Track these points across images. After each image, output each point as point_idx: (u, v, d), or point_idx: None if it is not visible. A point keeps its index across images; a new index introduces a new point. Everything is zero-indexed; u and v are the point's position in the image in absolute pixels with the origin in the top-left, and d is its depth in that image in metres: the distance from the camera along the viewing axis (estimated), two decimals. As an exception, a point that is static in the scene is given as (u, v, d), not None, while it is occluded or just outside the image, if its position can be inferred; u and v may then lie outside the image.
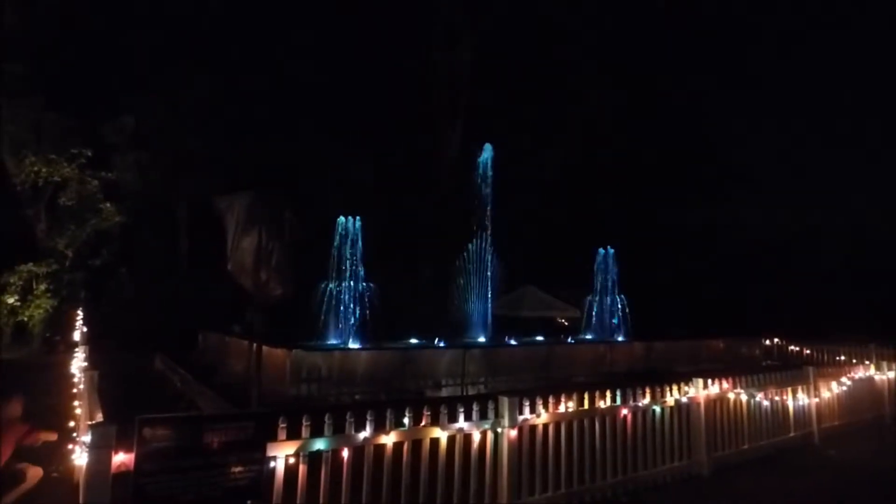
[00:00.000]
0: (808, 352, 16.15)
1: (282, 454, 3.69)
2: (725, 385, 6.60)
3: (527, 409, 4.87)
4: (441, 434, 4.38)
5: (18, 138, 18.38)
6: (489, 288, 16.32)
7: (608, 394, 5.52)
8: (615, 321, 16.92)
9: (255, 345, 7.08)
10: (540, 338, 16.56)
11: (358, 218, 13.75)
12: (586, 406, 5.32)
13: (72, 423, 5.48)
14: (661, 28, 28.73)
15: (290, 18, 24.69)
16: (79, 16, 19.64)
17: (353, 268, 13.23)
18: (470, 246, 16.23)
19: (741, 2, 32.23)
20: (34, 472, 4.83)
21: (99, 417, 4.42)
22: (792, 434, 7.39)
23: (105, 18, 20.96)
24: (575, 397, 5.27)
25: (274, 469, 3.66)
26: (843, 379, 8.45)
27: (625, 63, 27.45)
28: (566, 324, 18.85)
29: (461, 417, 4.52)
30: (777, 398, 7.27)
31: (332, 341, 13.05)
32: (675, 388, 6.12)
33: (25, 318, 17.97)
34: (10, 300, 17.59)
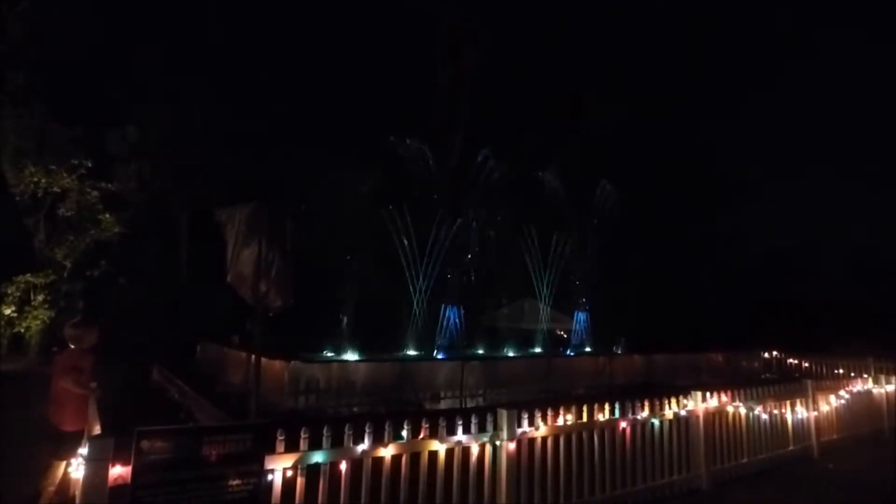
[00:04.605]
0: (806, 365, 16.16)
1: (280, 467, 3.67)
2: (724, 398, 6.59)
3: (525, 422, 4.86)
4: (439, 447, 4.37)
5: (20, 148, 18.44)
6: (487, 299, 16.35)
7: (607, 407, 5.51)
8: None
9: (253, 356, 7.06)
10: (538, 349, 16.55)
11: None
12: (585, 419, 5.31)
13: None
14: (662, 40, 29.04)
15: (293, 30, 24.97)
16: (82, 26, 19.80)
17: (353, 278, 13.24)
18: (469, 256, 16.28)
19: (743, 11, 32.46)
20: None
21: (97, 430, 4.41)
22: (791, 447, 7.37)
23: (109, 29, 21.16)
24: (574, 410, 5.27)
25: (272, 482, 3.64)
26: (842, 392, 8.45)
27: (625, 74, 27.72)
28: (565, 335, 18.84)
29: (460, 430, 4.50)
30: (776, 411, 7.26)
31: (330, 353, 13.04)
32: (673, 401, 6.12)
33: (22, 330, 17.90)
34: (7, 311, 17.52)
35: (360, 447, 4.00)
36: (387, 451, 4.11)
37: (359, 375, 10.27)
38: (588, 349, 17.51)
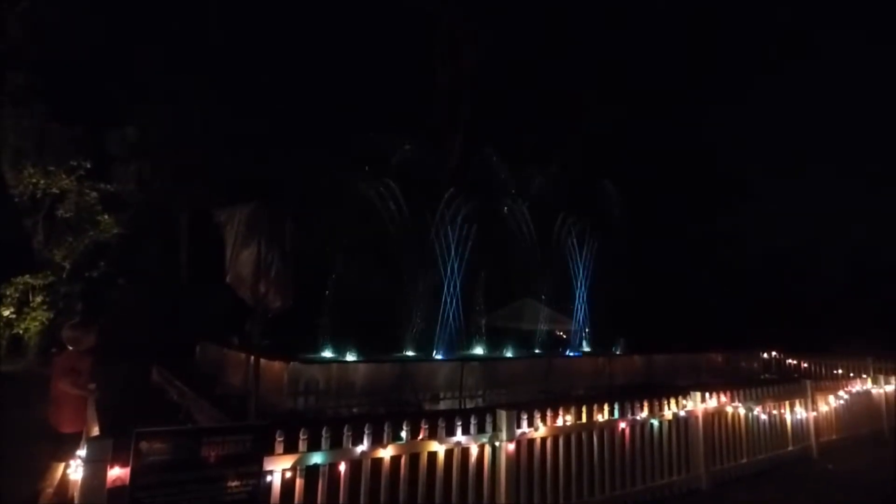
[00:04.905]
0: (805, 365, 16.16)
1: (279, 468, 3.68)
2: (724, 398, 6.60)
3: (525, 423, 4.87)
4: (439, 448, 4.37)
5: (20, 149, 18.44)
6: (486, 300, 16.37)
7: (606, 407, 5.52)
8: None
9: (252, 357, 7.06)
10: (538, 350, 16.55)
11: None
12: (584, 420, 5.31)
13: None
14: (662, 40, 29.05)
15: (293, 30, 24.95)
16: (82, 26, 19.80)
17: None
18: (469, 257, 16.29)
19: (743, 11, 32.50)
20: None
21: (95, 431, 4.41)
22: (790, 448, 7.38)
23: (109, 29, 21.15)
24: (573, 411, 5.27)
25: (271, 483, 3.64)
26: (841, 393, 8.46)
27: (625, 74, 27.72)
28: (564, 336, 18.83)
29: (459, 431, 4.50)
30: (775, 412, 7.27)
31: (330, 353, 13.03)
32: (673, 401, 6.13)
33: (21, 331, 17.87)
34: (6, 312, 17.50)
35: (359, 448, 4.00)
36: (386, 452, 4.11)
37: (358, 376, 10.26)
38: (587, 349, 17.52)
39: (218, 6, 23.81)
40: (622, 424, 5.57)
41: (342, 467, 3.92)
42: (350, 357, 12.27)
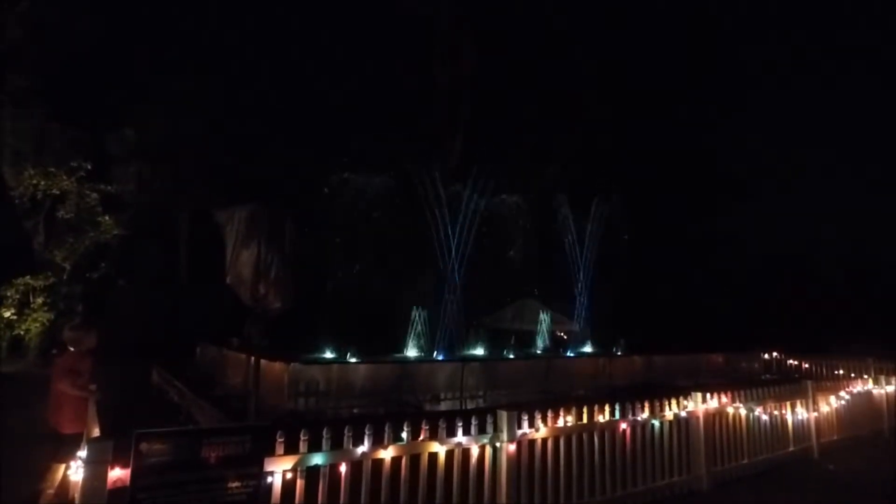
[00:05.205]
0: (806, 365, 16.15)
1: (279, 469, 3.68)
2: (724, 399, 6.59)
3: (525, 424, 4.86)
4: (439, 448, 4.37)
5: (19, 150, 18.45)
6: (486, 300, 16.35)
7: (607, 408, 5.51)
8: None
9: (252, 358, 7.06)
10: (538, 351, 16.54)
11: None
12: (585, 420, 5.31)
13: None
14: (662, 40, 29.06)
15: (292, 30, 24.95)
16: (82, 26, 19.81)
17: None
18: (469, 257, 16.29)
19: (744, 13, 32.46)
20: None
21: (96, 432, 4.41)
22: (791, 448, 7.37)
23: (109, 29, 21.16)
24: (574, 411, 5.27)
25: (271, 484, 3.64)
26: (842, 393, 8.45)
27: (625, 74, 27.73)
28: (565, 337, 18.83)
29: (459, 432, 4.50)
30: (776, 412, 7.27)
31: (330, 354, 13.01)
32: (674, 402, 6.12)
33: (21, 332, 17.87)
34: (7, 314, 17.51)
35: (360, 449, 4.00)
36: (386, 453, 4.11)
37: (359, 377, 10.25)
38: (588, 349, 17.51)
39: (218, 7, 23.83)
40: (623, 425, 5.57)
41: (343, 468, 3.92)
42: (350, 358, 12.25)
